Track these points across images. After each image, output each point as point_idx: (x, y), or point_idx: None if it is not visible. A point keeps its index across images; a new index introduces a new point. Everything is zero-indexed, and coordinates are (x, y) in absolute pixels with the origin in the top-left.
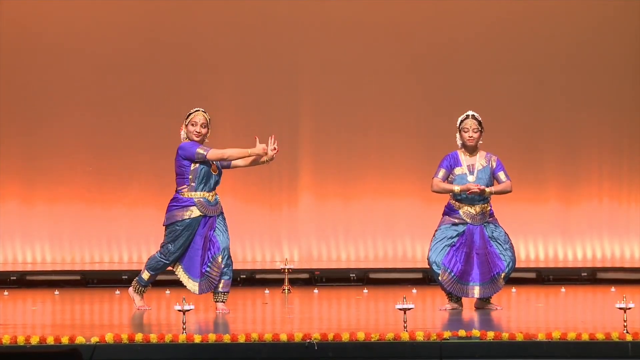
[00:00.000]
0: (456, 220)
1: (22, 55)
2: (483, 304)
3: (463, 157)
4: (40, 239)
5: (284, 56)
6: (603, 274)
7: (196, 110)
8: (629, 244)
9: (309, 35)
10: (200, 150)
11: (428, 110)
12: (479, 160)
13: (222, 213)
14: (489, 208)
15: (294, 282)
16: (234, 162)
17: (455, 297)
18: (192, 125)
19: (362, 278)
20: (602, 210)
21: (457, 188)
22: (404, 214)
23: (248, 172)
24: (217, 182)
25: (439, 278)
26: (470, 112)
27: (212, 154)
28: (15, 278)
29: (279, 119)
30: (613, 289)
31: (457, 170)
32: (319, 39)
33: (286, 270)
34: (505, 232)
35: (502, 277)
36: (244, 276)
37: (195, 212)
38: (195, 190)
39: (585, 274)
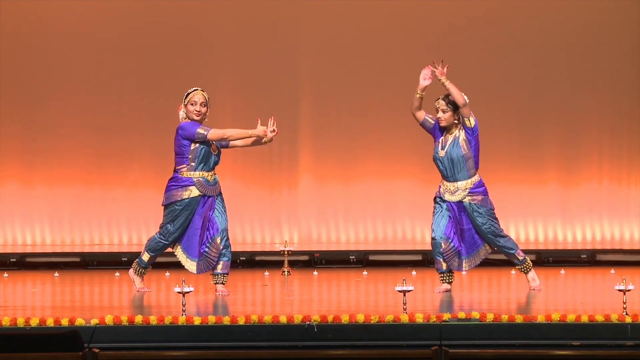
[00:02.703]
0: (438, 197)
1: (22, 36)
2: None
3: (444, 132)
4: (40, 220)
5: (283, 38)
6: (603, 255)
7: (194, 90)
8: (629, 225)
9: (309, 17)
10: (200, 130)
11: (428, 91)
12: (454, 134)
13: (220, 194)
14: (469, 186)
15: (293, 264)
16: (232, 142)
17: (447, 277)
18: (192, 104)
19: (362, 260)
20: (601, 192)
21: (418, 92)
22: (404, 196)
23: (248, 154)
24: (216, 162)
25: (440, 248)
26: (443, 95)
27: (213, 133)
28: (15, 260)
29: (279, 100)
30: (612, 270)
31: (436, 144)
32: (319, 20)
33: (286, 252)
34: (491, 215)
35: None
36: (244, 258)
37: (194, 191)
38: (195, 170)
39: (585, 255)
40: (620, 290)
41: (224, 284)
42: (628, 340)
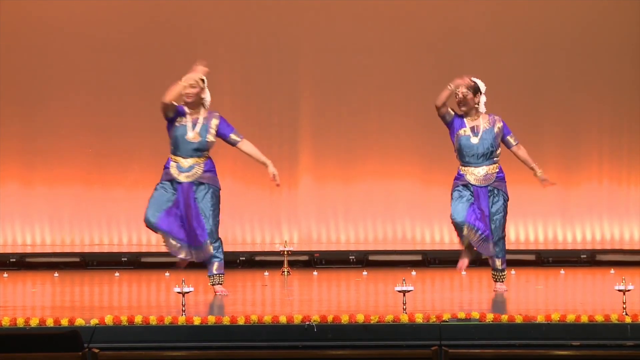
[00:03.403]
0: (462, 184)
1: (22, 36)
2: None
3: (466, 120)
4: (40, 220)
5: (284, 38)
6: (602, 256)
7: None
8: (629, 225)
9: (309, 17)
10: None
11: (428, 91)
12: (483, 123)
13: (209, 188)
14: (495, 170)
15: (293, 264)
16: (242, 149)
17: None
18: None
19: (362, 260)
20: (601, 192)
21: (449, 86)
22: (404, 196)
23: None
24: (197, 150)
25: (470, 239)
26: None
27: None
28: (14, 260)
29: (279, 100)
30: (612, 271)
31: (462, 132)
32: (319, 21)
33: (286, 252)
34: (503, 205)
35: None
36: (244, 258)
37: (167, 174)
38: (172, 153)
39: (585, 256)
40: (620, 291)
41: (221, 284)
42: (628, 340)
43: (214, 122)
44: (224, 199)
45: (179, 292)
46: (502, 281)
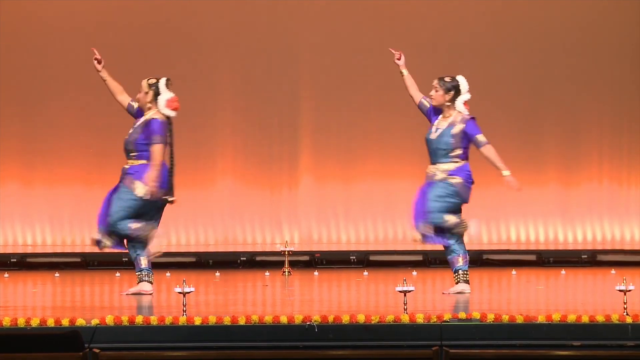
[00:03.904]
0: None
1: (22, 36)
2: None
3: (440, 116)
4: (41, 220)
5: (283, 38)
6: (603, 256)
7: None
8: (629, 226)
9: (309, 17)
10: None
11: (429, 91)
12: (449, 121)
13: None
14: (449, 169)
15: (294, 265)
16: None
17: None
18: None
19: (362, 260)
20: (602, 192)
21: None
22: (404, 196)
23: (248, 154)
24: (129, 151)
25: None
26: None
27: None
28: (15, 260)
29: (279, 100)
30: (613, 271)
31: (431, 126)
32: (319, 20)
33: (286, 253)
34: (443, 188)
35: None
36: (244, 258)
37: None
38: None
39: (586, 256)
40: (620, 291)
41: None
42: (629, 340)
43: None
44: (224, 200)
45: (179, 292)
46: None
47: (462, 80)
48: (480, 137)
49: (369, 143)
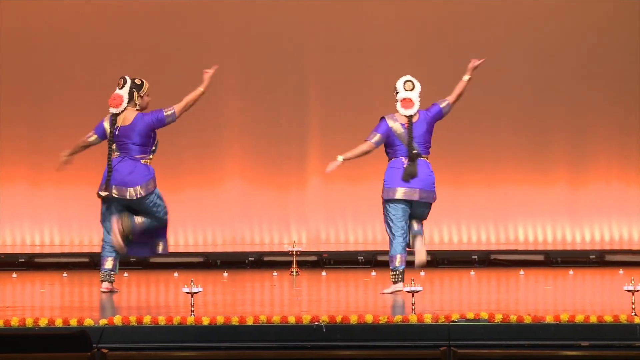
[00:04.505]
0: None
1: (31, 37)
2: None
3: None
4: (49, 221)
5: (290, 38)
6: (611, 256)
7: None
8: (637, 226)
9: (316, 17)
10: (167, 112)
11: (436, 92)
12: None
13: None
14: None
15: (302, 265)
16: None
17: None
18: (148, 95)
19: (370, 260)
20: (610, 192)
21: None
22: None
23: (257, 155)
24: None
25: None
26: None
27: (178, 107)
28: (23, 260)
29: (286, 101)
30: (621, 271)
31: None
32: (326, 21)
33: (294, 253)
34: None
35: None
36: (252, 258)
37: None
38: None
39: (594, 256)
40: (628, 291)
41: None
42: (637, 340)
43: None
44: (232, 200)
45: (187, 293)
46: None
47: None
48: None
49: None
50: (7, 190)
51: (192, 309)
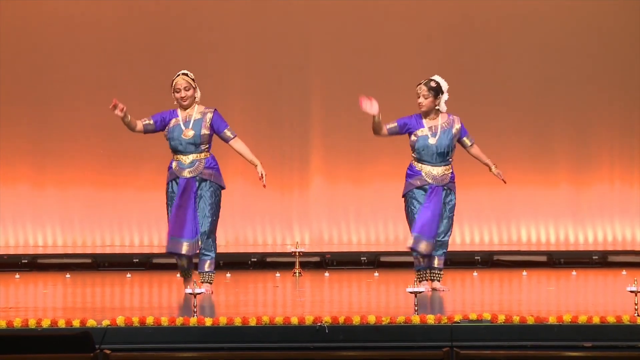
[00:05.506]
0: (419, 183)
1: (34, 37)
2: (434, 284)
3: (425, 120)
4: (51, 222)
5: (293, 38)
6: (614, 257)
7: (177, 75)
8: None
9: (320, 17)
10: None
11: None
12: (441, 122)
13: (211, 186)
14: (449, 171)
15: (304, 266)
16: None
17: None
18: (176, 92)
19: (373, 261)
20: (613, 193)
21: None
22: None
23: (259, 155)
24: (193, 144)
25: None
26: (425, 80)
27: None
28: (26, 261)
29: (289, 102)
30: (624, 272)
31: (419, 132)
32: (330, 20)
33: (297, 254)
34: (455, 204)
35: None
36: (255, 259)
37: (171, 174)
38: (173, 153)
39: (597, 257)
40: (631, 292)
41: (211, 282)
42: (639, 341)
43: (209, 116)
44: (235, 201)
45: (190, 293)
46: (439, 280)
47: (442, 81)
48: (469, 138)
49: (380, 144)
50: (10, 191)
51: (195, 309)
